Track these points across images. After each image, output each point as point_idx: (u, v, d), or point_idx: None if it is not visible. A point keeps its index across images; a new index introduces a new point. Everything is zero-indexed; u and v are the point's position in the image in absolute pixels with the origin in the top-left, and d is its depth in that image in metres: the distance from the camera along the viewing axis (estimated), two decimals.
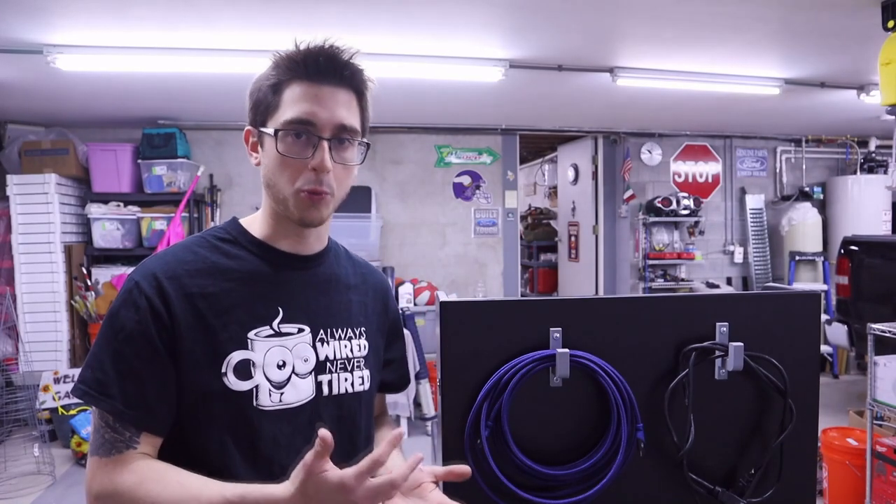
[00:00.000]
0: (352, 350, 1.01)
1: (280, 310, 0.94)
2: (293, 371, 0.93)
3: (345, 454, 0.89)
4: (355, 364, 1.01)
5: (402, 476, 0.75)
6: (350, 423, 1.00)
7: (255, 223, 1.00)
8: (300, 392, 0.94)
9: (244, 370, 0.89)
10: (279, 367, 0.92)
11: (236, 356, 0.89)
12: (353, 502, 0.73)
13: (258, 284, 0.94)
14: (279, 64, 0.92)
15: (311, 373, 0.95)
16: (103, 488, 0.84)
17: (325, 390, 0.97)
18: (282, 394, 0.91)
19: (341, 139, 0.92)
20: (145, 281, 0.88)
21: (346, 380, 1.00)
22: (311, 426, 0.89)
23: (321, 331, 0.98)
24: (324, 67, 0.90)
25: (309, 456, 0.72)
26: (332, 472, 0.73)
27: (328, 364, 0.98)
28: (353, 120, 0.93)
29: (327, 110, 0.90)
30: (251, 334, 0.91)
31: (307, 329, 0.96)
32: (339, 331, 1.01)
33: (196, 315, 0.88)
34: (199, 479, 0.82)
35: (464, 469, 0.85)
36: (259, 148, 0.96)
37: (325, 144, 0.90)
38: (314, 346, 0.97)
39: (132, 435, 0.85)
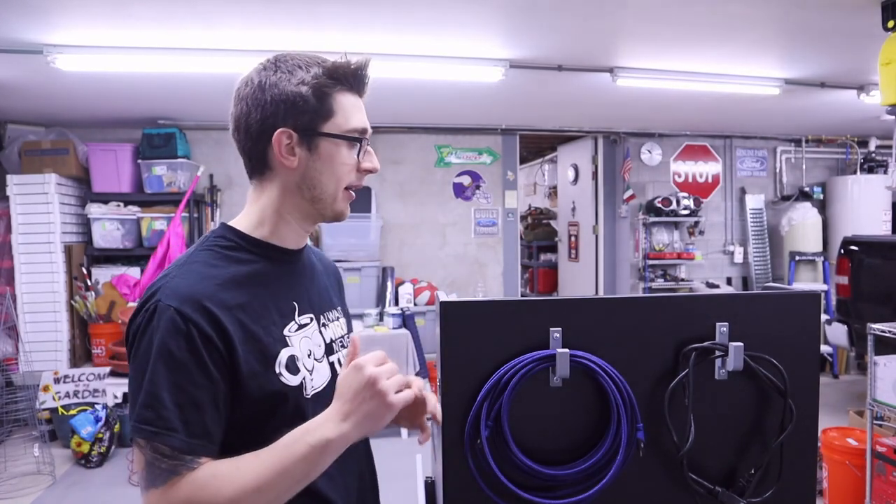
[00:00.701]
0: (341, 328, 1.14)
1: (295, 304, 1.03)
2: (314, 357, 1.03)
3: None
4: (346, 341, 1.14)
5: (413, 379, 0.96)
6: None
7: (252, 224, 1.02)
8: (322, 374, 1.04)
9: (293, 365, 0.98)
10: (309, 355, 1.02)
11: (284, 354, 0.97)
12: (369, 377, 0.87)
13: (273, 284, 1.01)
14: (332, 73, 0.98)
15: (324, 355, 1.06)
16: None
17: (338, 368, 1.07)
18: (313, 379, 1.01)
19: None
20: (187, 306, 0.88)
21: (346, 355, 1.08)
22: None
23: (321, 316, 1.08)
24: (364, 81, 1.02)
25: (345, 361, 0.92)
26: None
27: (333, 345, 1.09)
28: None
29: (367, 119, 1.03)
30: (285, 331, 0.99)
31: (314, 317, 1.06)
32: (330, 314, 1.12)
33: (241, 326, 0.92)
34: (249, 455, 0.87)
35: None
36: (299, 149, 0.98)
37: (371, 149, 1.04)
38: (321, 332, 1.07)
39: (193, 458, 0.85)
